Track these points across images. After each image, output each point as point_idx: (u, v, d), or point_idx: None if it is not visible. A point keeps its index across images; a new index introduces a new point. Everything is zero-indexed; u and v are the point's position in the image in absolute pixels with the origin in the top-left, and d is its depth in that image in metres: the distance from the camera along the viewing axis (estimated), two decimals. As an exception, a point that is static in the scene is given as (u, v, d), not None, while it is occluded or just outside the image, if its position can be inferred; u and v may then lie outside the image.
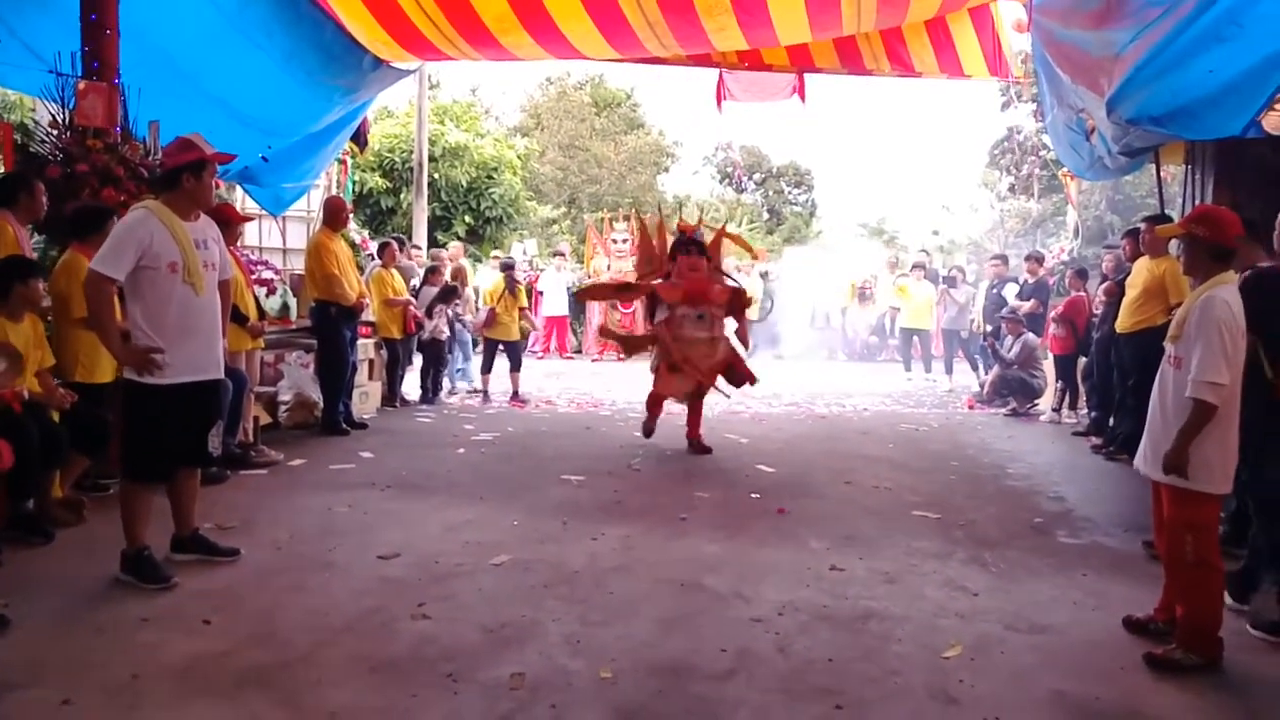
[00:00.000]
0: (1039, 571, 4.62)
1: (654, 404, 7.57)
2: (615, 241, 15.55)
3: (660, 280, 7.34)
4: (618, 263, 15.26)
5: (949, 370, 11.87)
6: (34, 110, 7.58)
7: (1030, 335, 9.97)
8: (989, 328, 10.90)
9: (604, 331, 10.17)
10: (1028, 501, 6.11)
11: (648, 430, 7.59)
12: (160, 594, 4.00)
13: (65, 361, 5.27)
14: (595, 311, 15.31)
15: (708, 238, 7.60)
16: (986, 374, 10.84)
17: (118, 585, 4.08)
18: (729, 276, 7.74)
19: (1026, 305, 10.24)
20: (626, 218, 16.15)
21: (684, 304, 7.11)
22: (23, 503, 4.71)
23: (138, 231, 4.00)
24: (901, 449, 7.84)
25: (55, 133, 6.10)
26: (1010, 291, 10.79)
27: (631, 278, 13.41)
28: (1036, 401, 9.94)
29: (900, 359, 13.91)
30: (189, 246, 4.10)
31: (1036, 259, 10.86)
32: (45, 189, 5.50)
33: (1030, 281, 10.53)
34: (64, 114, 6.13)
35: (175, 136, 4.33)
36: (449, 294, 9.92)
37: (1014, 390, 10.03)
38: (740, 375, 7.46)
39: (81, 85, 6.04)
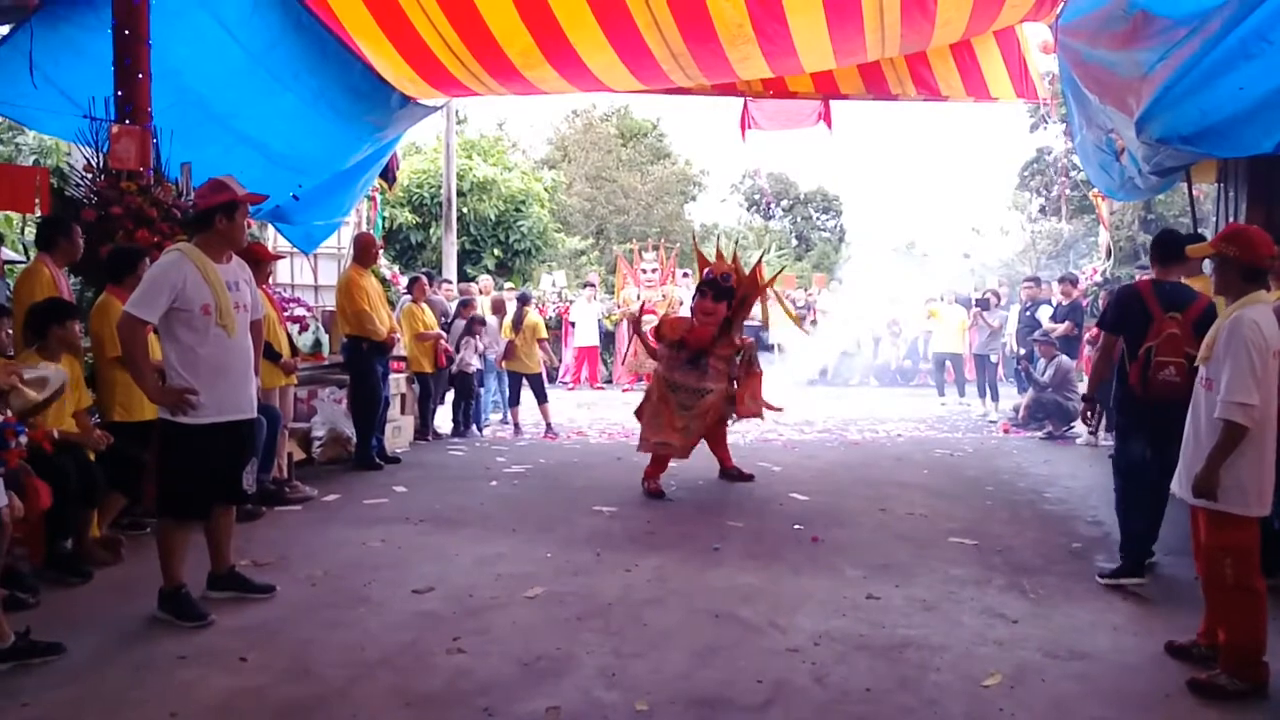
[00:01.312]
0: (1078, 597, 4.54)
1: (652, 462, 7.02)
2: (645, 271, 15.59)
3: (674, 315, 7.17)
4: (647, 292, 15.31)
5: (981, 395, 11.70)
6: (69, 154, 7.75)
7: (1064, 358, 9.86)
8: (1023, 350, 10.80)
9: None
10: (1065, 526, 6.02)
11: (652, 489, 6.86)
12: (197, 631, 4.02)
13: (104, 401, 5.36)
14: (625, 342, 15.34)
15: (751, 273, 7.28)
16: (1021, 397, 10.73)
17: (155, 623, 4.11)
18: (746, 314, 7.18)
19: (1060, 328, 10.14)
20: (655, 247, 16.18)
21: (682, 348, 6.80)
22: (61, 542, 4.76)
23: (171, 275, 4.06)
24: (936, 475, 7.75)
25: (90, 176, 6.22)
26: (1044, 313, 10.69)
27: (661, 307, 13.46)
28: (1072, 424, 9.81)
29: (933, 383, 13.81)
30: (221, 289, 4.15)
31: (1070, 281, 10.75)
32: (81, 232, 5.62)
33: (1064, 303, 10.43)
34: (98, 158, 6.25)
35: (208, 178, 4.40)
36: (474, 325, 9.98)
37: (1049, 413, 9.91)
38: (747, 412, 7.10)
39: (115, 129, 6.17)
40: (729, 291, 6.82)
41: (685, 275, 16.82)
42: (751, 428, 10.49)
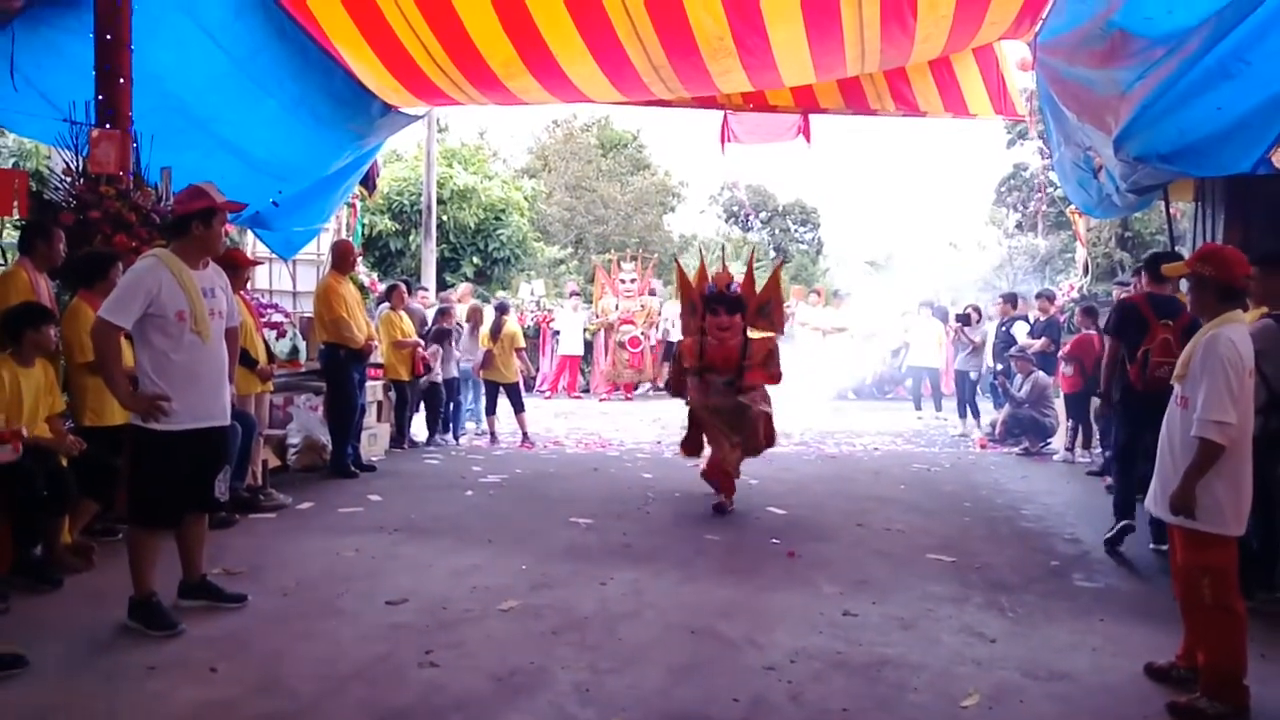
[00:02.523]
0: (1056, 616, 4.54)
1: (715, 474, 6.84)
2: (624, 281, 15.54)
3: (689, 339, 7.00)
4: (625, 302, 15.26)
5: (962, 415, 11.66)
6: (49, 158, 7.67)
7: (1041, 374, 9.92)
8: (999, 366, 10.85)
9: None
10: (1043, 543, 6.04)
11: (721, 507, 6.67)
12: (168, 641, 3.96)
13: (75, 405, 5.30)
14: (603, 351, 15.30)
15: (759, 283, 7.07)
16: (997, 412, 10.78)
17: (126, 632, 4.05)
18: (769, 322, 6.89)
19: (1037, 344, 10.20)
20: (634, 258, 16.16)
21: (710, 372, 6.71)
22: (30, 548, 4.68)
23: (146, 280, 4.01)
24: (914, 490, 7.77)
25: (69, 180, 6.17)
26: (1020, 330, 10.76)
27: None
28: (1049, 441, 9.87)
29: (910, 397, 13.86)
30: (196, 295, 4.11)
31: (1048, 297, 10.83)
32: (63, 236, 5.56)
33: (1041, 319, 10.50)
34: (78, 161, 6.20)
35: (188, 184, 4.36)
36: (442, 336, 9.92)
37: (1025, 429, 9.97)
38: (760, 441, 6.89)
39: (95, 133, 6.12)
40: (739, 302, 6.69)
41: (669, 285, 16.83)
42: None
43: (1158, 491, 3.67)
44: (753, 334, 6.78)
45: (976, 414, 11.39)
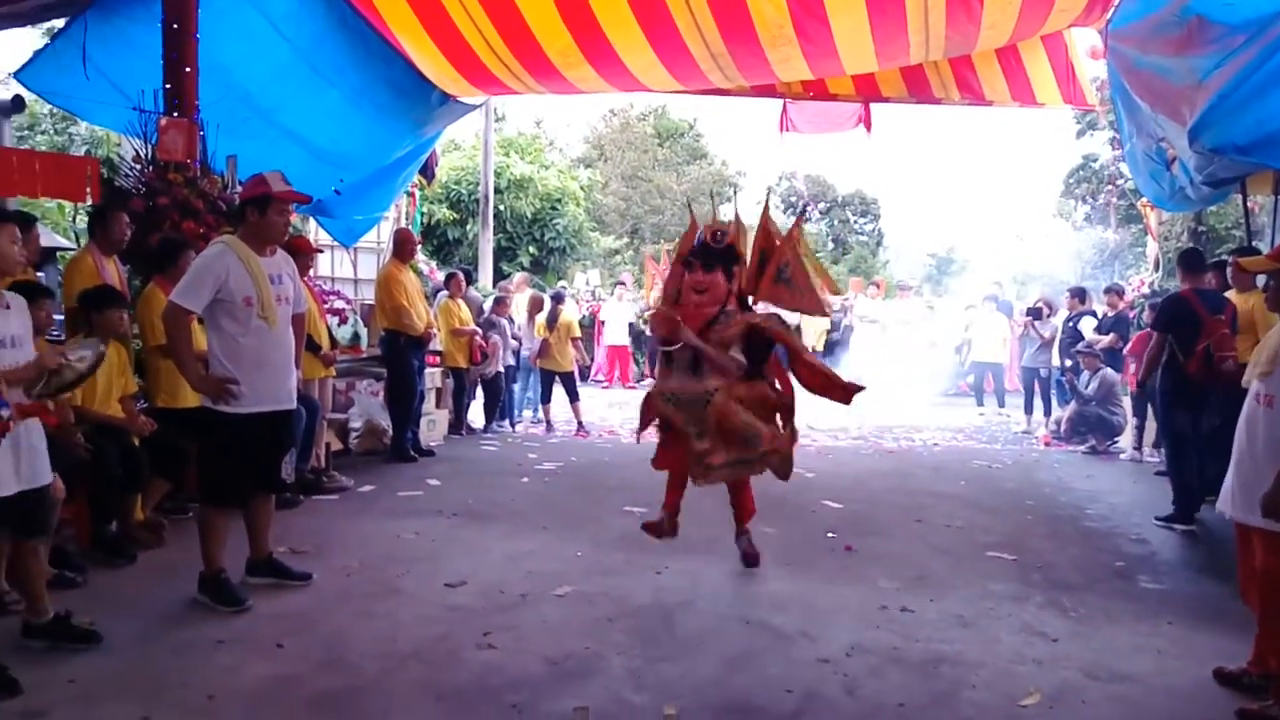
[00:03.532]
0: (1120, 618, 4.45)
1: (668, 466, 5.18)
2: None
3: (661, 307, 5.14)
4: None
5: (1028, 411, 11.44)
6: (119, 145, 7.86)
7: (1109, 371, 9.70)
8: (1067, 362, 10.63)
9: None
10: (1108, 543, 5.91)
11: (656, 528, 5.10)
12: (235, 616, 4.08)
13: (149, 388, 5.46)
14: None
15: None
16: (1063, 409, 10.57)
17: (195, 607, 4.17)
18: (794, 292, 4.90)
19: (1105, 339, 9.97)
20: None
21: (667, 344, 4.74)
22: (106, 525, 4.85)
23: (214, 266, 4.11)
24: (974, 486, 7.65)
25: (138, 167, 6.33)
26: (1088, 325, 10.52)
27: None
28: (1116, 439, 9.66)
29: (972, 393, 13.65)
30: (263, 281, 4.19)
31: (1117, 292, 10.57)
32: (129, 220, 5.70)
33: (1109, 315, 10.26)
34: (147, 149, 6.35)
35: (253, 172, 4.45)
36: (490, 325, 9.97)
37: (1092, 427, 9.76)
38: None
39: (163, 121, 6.26)
40: (727, 254, 4.83)
41: None
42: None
43: (1235, 492, 3.54)
44: (760, 308, 5.00)
45: (1048, 410, 11.17)
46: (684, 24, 8.03)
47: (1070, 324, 10.85)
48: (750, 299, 4.94)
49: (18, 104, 7.61)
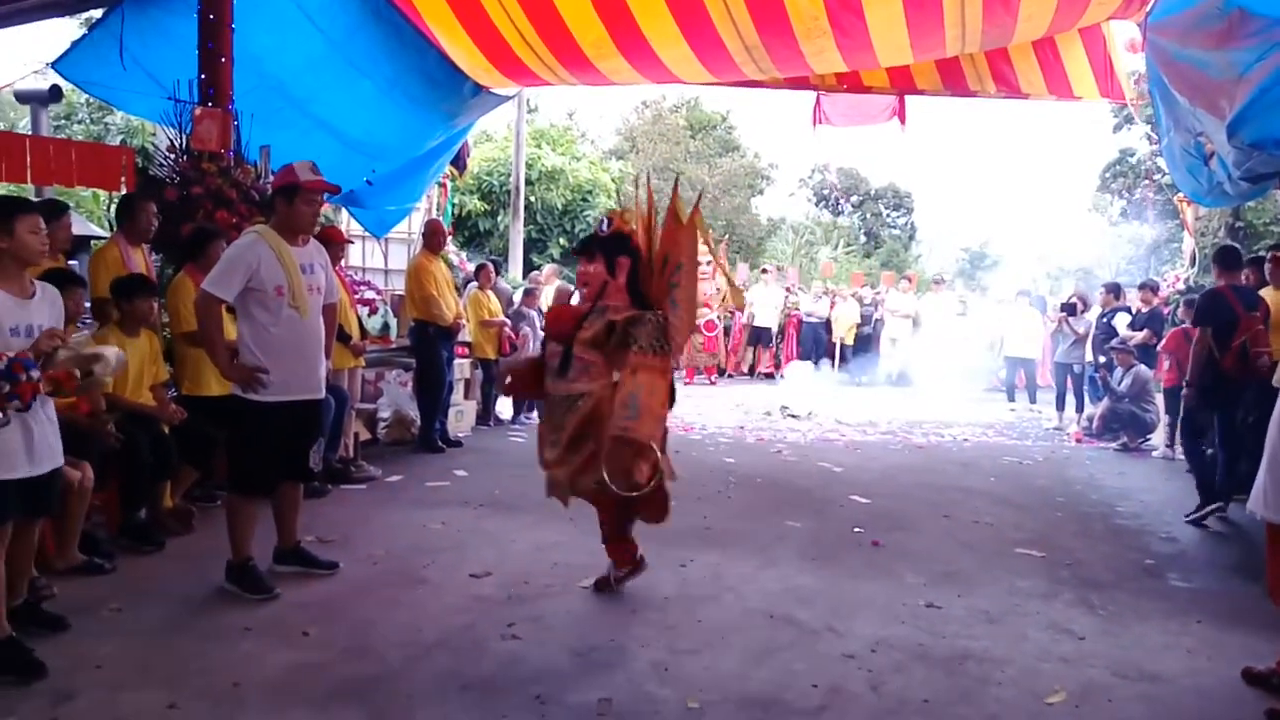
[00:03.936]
0: (1149, 616, 4.40)
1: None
2: (700, 263, 15.26)
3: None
4: (702, 284, 14.93)
5: (1060, 407, 11.31)
6: (154, 135, 7.95)
7: (1142, 367, 9.57)
8: (1100, 359, 10.50)
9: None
10: (1138, 541, 5.85)
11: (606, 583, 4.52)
12: (262, 604, 4.11)
13: (176, 375, 5.52)
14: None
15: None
16: (1095, 406, 10.45)
17: (223, 594, 4.21)
18: (685, 297, 4.27)
19: (1138, 336, 9.84)
20: (717, 240, 15.87)
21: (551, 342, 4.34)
22: (135, 512, 4.91)
23: (246, 255, 4.14)
24: (1004, 483, 7.58)
25: (173, 157, 6.39)
26: (1121, 321, 10.38)
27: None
28: (1149, 436, 9.53)
29: (1003, 388, 13.52)
30: (295, 271, 4.22)
31: (1152, 288, 10.43)
32: (160, 210, 5.75)
33: (1143, 311, 10.12)
34: (181, 139, 6.41)
35: (286, 162, 4.47)
36: (518, 318, 9.98)
37: (1125, 424, 9.64)
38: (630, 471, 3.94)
39: (198, 111, 6.31)
40: (615, 244, 4.27)
41: (765, 272, 16.54)
42: (812, 426, 10.41)
43: (1267, 491, 3.49)
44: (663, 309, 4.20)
45: (1080, 406, 11.05)
46: (718, 16, 7.99)
47: (1104, 320, 10.72)
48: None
49: (55, 94, 7.73)
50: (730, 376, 15.63)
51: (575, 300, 9.92)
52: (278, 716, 3.12)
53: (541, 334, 4.48)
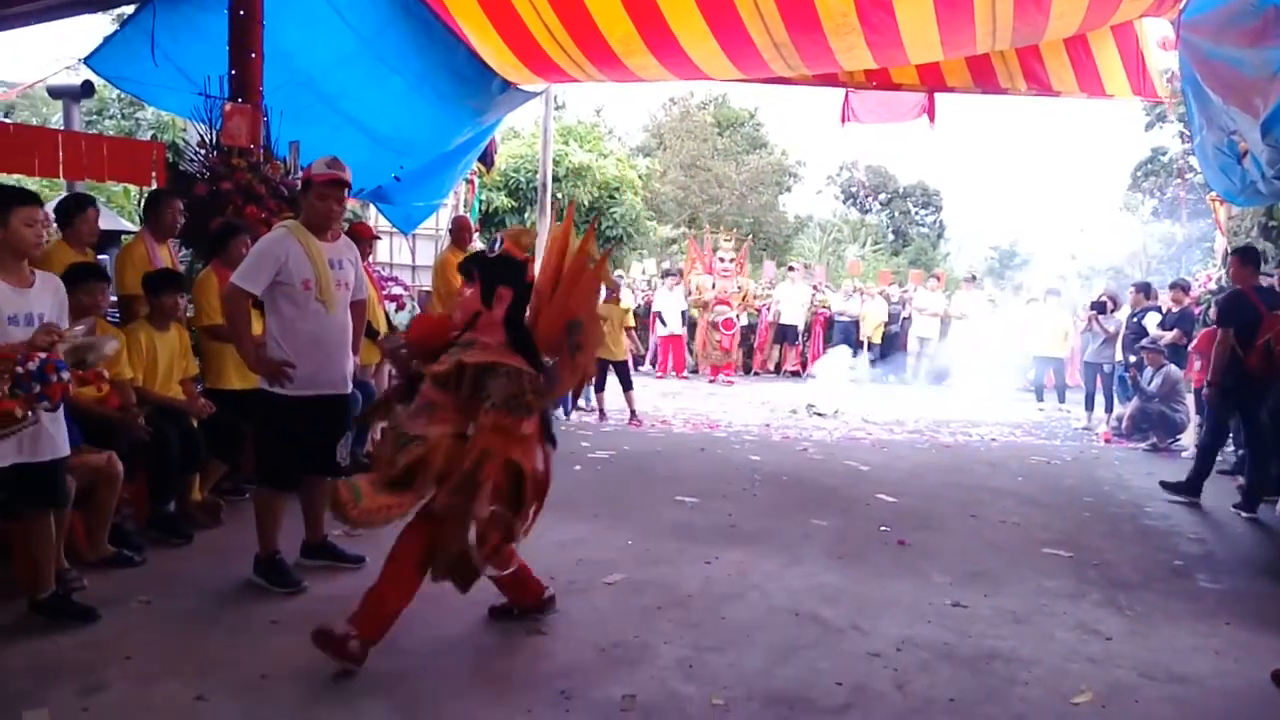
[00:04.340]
0: (1178, 617, 4.36)
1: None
2: (721, 260, 14.92)
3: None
4: (722, 281, 14.74)
5: (1089, 407, 11.20)
6: (184, 131, 8.03)
7: (1173, 367, 9.46)
8: (1130, 358, 10.39)
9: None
10: (1167, 542, 5.78)
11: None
12: (290, 598, 4.14)
13: (201, 368, 5.56)
14: (698, 331, 15.02)
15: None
16: (1124, 406, 10.34)
17: (250, 587, 4.25)
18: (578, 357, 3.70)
19: (1169, 335, 9.72)
20: (730, 237, 15.44)
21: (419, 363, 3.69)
22: (164, 505, 4.95)
23: (275, 249, 4.17)
24: (1032, 483, 7.52)
25: (203, 152, 6.45)
26: (1152, 321, 10.27)
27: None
28: (1178, 437, 9.42)
29: (1032, 388, 13.39)
30: (323, 265, 4.24)
31: (1183, 287, 10.30)
32: (190, 205, 5.80)
33: (1174, 310, 10.00)
34: (211, 134, 6.47)
35: (316, 157, 4.50)
36: None
37: (1154, 425, 9.54)
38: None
39: (228, 107, 6.37)
40: (499, 269, 3.66)
41: (791, 270, 16.43)
42: (839, 424, 10.38)
43: None
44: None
45: (1109, 406, 10.94)
46: (747, 12, 7.98)
47: (1134, 319, 10.61)
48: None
49: (87, 89, 7.83)
50: (756, 374, 15.58)
51: (622, 295, 9.70)
52: (305, 710, 3.14)
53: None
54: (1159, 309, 10.44)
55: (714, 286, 14.65)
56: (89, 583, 4.08)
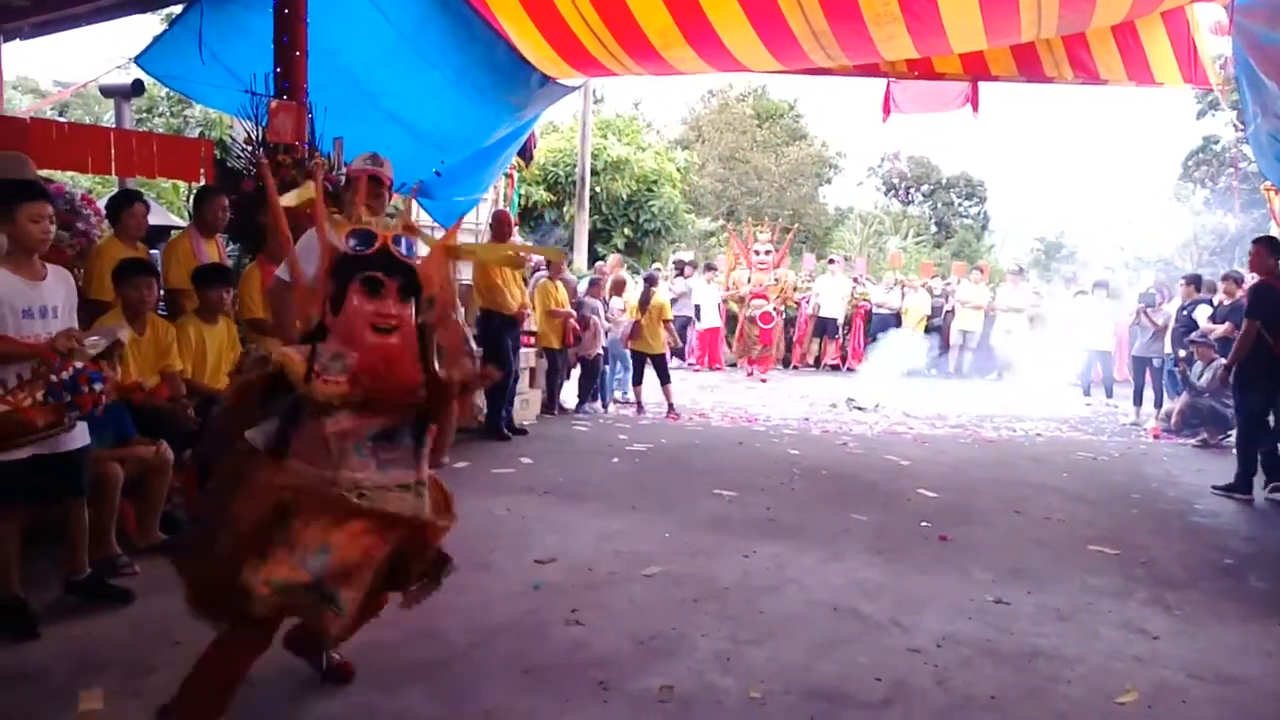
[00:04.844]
0: (1227, 617, 4.27)
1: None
2: (758, 253, 14.54)
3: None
4: (759, 274, 14.37)
5: (1137, 401, 11.00)
6: (231, 128, 8.14)
7: (1224, 361, 9.26)
8: (1180, 352, 10.19)
9: None
10: (1217, 540, 5.67)
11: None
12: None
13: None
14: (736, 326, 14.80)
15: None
16: (1174, 401, 10.15)
17: (293, 576, 4.30)
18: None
19: (1220, 329, 9.51)
20: (785, 229, 15.35)
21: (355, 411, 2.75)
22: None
23: (318, 244, 4.21)
24: (1078, 479, 7.41)
25: (249, 149, 6.54)
26: (1202, 314, 10.05)
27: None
28: (1229, 433, 9.22)
29: (1079, 382, 13.18)
30: (366, 259, 4.27)
31: (1235, 279, 10.06)
32: (236, 201, 5.89)
33: (1226, 303, 9.78)
34: (257, 131, 6.55)
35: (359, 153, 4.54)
36: (578, 307, 9.99)
37: (1205, 420, 9.35)
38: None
39: (273, 104, 6.45)
40: (412, 279, 2.90)
41: (831, 262, 16.29)
42: (879, 418, 10.30)
43: None
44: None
45: (1158, 401, 10.75)
46: (786, 2, 7.92)
47: (1184, 312, 10.39)
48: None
49: (137, 88, 7.96)
50: (795, 368, 15.49)
51: (660, 288, 9.50)
52: (348, 694, 3.19)
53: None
54: (1209, 302, 10.22)
55: (750, 280, 14.37)
56: (140, 568, 4.18)
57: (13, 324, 3.44)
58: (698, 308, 14.86)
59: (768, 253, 14.60)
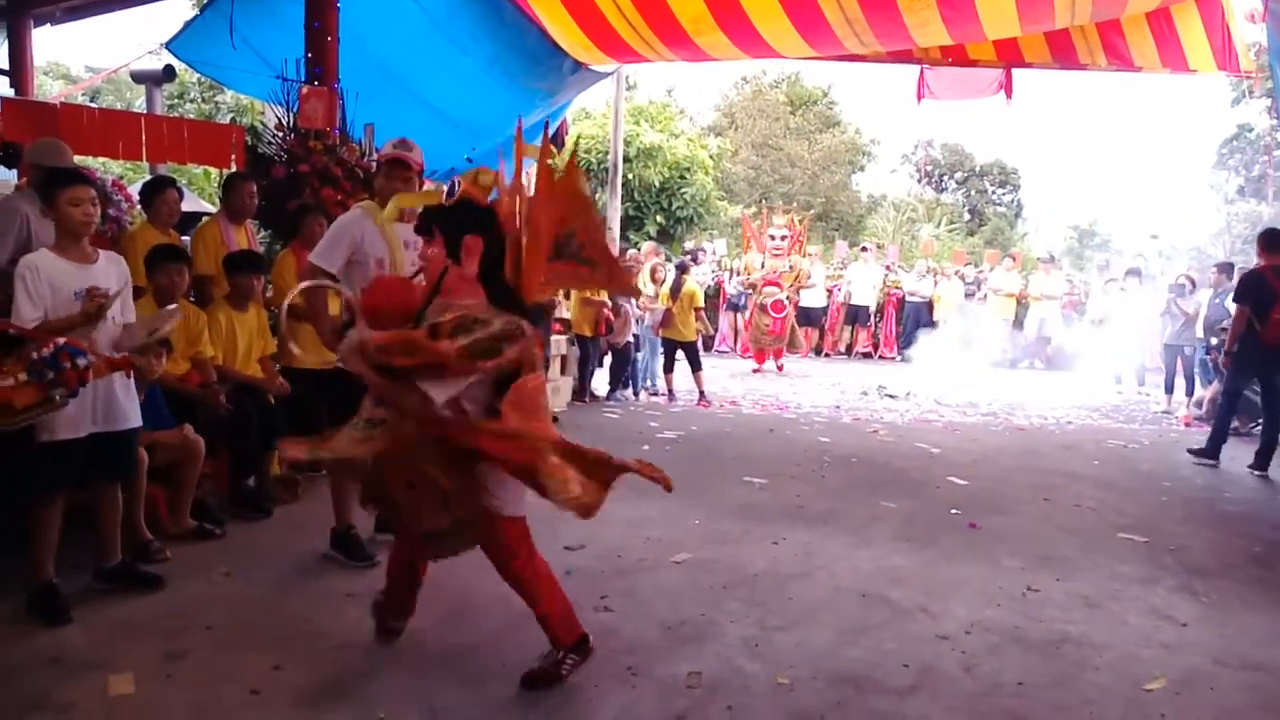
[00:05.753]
0: (1256, 605, 4.24)
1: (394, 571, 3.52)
2: (773, 238, 13.81)
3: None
4: (773, 260, 13.69)
5: (1169, 390, 10.89)
6: (263, 114, 8.20)
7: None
8: (1212, 340, 10.06)
9: None
10: (1246, 528, 5.62)
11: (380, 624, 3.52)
12: (364, 571, 4.25)
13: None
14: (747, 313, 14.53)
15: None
16: (1205, 389, 10.02)
17: (327, 561, 4.38)
18: (586, 270, 3.43)
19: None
20: (787, 211, 14.54)
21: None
22: (244, 480, 5.12)
23: (351, 229, 4.26)
24: (1108, 466, 7.36)
25: (280, 135, 6.58)
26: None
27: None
28: (1261, 421, 9.10)
29: (1117, 372, 13.04)
30: (397, 245, 4.32)
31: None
32: (268, 187, 5.92)
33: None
34: (289, 117, 6.59)
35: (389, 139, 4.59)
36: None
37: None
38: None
39: (304, 90, 6.48)
40: (466, 218, 3.23)
41: (864, 250, 16.18)
42: (910, 406, 10.26)
43: None
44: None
45: (1190, 389, 10.63)
46: (818, -12, 7.89)
47: (1216, 300, 10.25)
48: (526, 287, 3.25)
49: (169, 73, 8.06)
50: (827, 356, 15.44)
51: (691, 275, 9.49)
52: (378, 680, 3.24)
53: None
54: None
55: (763, 266, 13.69)
56: (172, 554, 4.26)
57: (65, 308, 3.51)
58: (728, 294, 14.81)
59: (784, 238, 13.82)
